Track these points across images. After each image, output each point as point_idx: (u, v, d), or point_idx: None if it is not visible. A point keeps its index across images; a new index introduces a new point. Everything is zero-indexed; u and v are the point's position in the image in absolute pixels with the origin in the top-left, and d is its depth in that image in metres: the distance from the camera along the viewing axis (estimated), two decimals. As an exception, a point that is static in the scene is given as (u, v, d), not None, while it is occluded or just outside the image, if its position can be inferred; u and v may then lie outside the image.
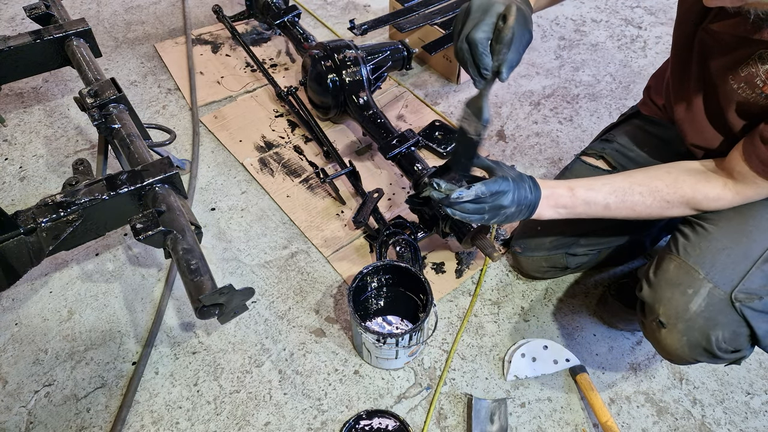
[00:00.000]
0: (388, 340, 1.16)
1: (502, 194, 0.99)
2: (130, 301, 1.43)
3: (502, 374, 1.30)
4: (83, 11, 2.42)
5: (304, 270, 1.50)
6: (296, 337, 1.36)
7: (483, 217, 1.02)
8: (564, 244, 1.35)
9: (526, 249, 1.41)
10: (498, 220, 1.03)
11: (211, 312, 1.01)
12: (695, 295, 0.99)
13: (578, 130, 1.91)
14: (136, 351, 1.33)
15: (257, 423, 1.22)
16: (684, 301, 0.99)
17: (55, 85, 2.06)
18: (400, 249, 1.43)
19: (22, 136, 1.87)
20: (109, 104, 1.37)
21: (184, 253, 1.04)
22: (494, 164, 1.04)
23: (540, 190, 1.05)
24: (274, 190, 1.69)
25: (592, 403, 1.22)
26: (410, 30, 2.06)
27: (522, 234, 1.43)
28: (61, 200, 1.14)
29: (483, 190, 0.98)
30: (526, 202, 1.03)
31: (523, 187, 1.02)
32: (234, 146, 1.82)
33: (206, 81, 2.06)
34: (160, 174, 1.20)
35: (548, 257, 1.38)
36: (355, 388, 1.28)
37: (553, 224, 1.35)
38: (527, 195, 1.03)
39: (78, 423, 1.22)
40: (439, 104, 2.01)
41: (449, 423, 1.22)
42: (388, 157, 1.53)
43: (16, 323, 1.38)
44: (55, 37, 1.57)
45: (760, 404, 1.26)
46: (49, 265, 1.50)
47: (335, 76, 1.70)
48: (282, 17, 2.06)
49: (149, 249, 1.54)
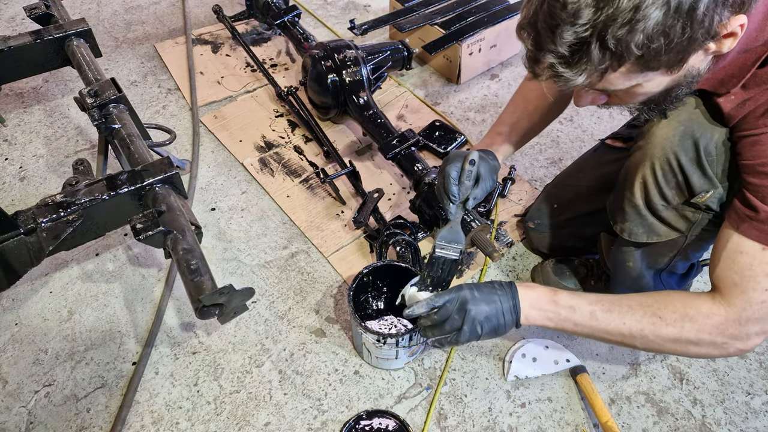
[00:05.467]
0: (388, 340, 1.16)
1: (461, 300, 1.02)
2: (130, 301, 1.43)
3: (502, 374, 1.30)
4: (83, 11, 2.42)
5: (304, 270, 1.50)
6: (296, 338, 1.36)
7: (460, 329, 1.02)
8: (577, 223, 1.38)
9: (539, 225, 1.45)
10: (475, 327, 1.02)
11: (211, 312, 1.01)
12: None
13: (578, 130, 1.91)
14: (136, 351, 1.33)
15: (257, 423, 1.22)
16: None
17: (55, 85, 2.06)
18: (400, 249, 1.43)
19: (22, 136, 1.86)
20: (109, 104, 1.37)
21: (184, 253, 1.04)
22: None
23: (516, 289, 1.04)
24: (274, 190, 1.69)
25: (593, 403, 1.22)
26: (410, 30, 2.06)
27: (537, 210, 1.47)
28: (61, 200, 1.14)
29: (435, 300, 1.03)
30: (500, 301, 1.02)
31: (490, 287, 1.04)
32: (234, 146, 1.82)
33: (206, 81, 2.06)
34: (160, 174, 1.20)
35: (560, 235, 1.41)
36: (355, 388, 1.28)
37: (569, 203, 1.40)
38: (498, 293, 1.03)
39: (78, 423, 1.22)
40: (439, 104, 2.01)
41: (449, 423, 1.22)
42: (388, 157, 1.53)
43: (16, 323, 1.38)
44: (55, 37, 1.57)
45: (761, 404, 1.26)
46: (49, 265, 1.50)
47: (335, 76, 1.70)
48: (282, 17, 2.06)
49: (149, 249, 1.54)
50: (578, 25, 0.72)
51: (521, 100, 1.31)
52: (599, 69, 0.76)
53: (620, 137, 1.35)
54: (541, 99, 1.27)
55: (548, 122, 1.33)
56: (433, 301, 1.03)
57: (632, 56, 0.73)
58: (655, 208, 1.02)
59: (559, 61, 0.76)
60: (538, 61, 0.80)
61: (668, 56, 0.74)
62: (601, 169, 1.33)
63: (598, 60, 0.74)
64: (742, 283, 0.88)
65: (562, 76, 0.78)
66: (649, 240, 1.07)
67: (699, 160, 0.93)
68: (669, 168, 0.97)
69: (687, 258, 1.12)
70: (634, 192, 1.03)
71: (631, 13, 0.69)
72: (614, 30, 0.70)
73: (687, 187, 0.97)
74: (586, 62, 0.75)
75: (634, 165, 1.03)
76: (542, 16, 0.75)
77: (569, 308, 1.01)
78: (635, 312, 0.97)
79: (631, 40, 0.71)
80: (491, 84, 2.09)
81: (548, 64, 0.78)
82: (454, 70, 2.04)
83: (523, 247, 1.57)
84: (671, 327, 0.94)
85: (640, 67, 0.76)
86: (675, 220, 1.02)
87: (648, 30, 0.70)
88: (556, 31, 0.74)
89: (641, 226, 1.06)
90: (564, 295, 1.02)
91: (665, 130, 0.96)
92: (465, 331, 1.01)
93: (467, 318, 1.01)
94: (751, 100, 0.84)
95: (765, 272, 0.87)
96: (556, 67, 0.77)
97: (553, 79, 0.80)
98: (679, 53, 0.75)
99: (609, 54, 0.73)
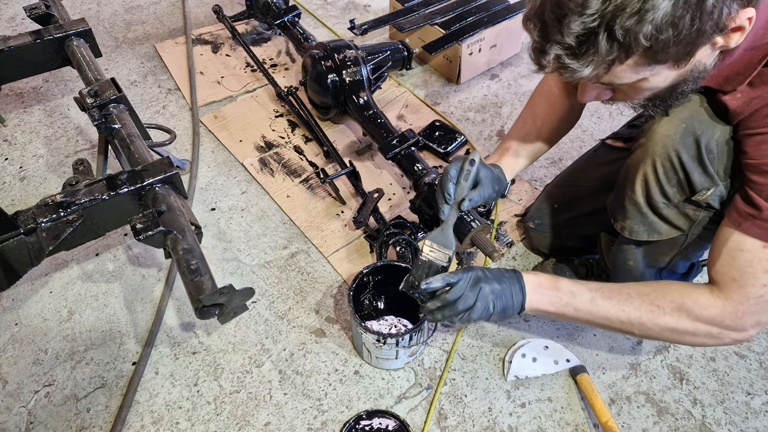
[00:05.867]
0: (389, 340, 1.16)
1: (475, 278, 1.02)
2: (130, 301, 1.43)
3: (502, 374, 1.30)
4: (83, 11, 2.42)
5: (304, 270, 1.50)
6: (296, 338, 1.36)
7: (473, 306, 1.02)
8: (577, 223, 1.38)
9: (539, 225, 1.45)
10: (488, 304, 1.02)
11: (211, 312, 1.01)
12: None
13: (578, 130, 1.91)
14: (136, 351, 1.33)
15: (257, 423, 1.22)
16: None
17: (55, 85, 2.06)
18: (400, 249, 1.43)
19: (22, 136, 1.86)
20: (109, 104, 1.37)
21: (184, 253, 1.04)
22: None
23: (521, 274, 1.05)
24: (274, 190, 1.69)
25: (593, 403, 1.22)
26: (410, 30, 2.06)
27: (537, 210, 1.47)
28: (61, 200, 1.14)
29: (450, 277, 1.02)
30: (508, 282, 1.03)
31: (497, 271, 1.04)
32: (234, 146, 1.82)
33: (206, 81, 2.06)
34: (160, 174, 1.20)
35: (560, 234, 1.41)
36: (355, 388, 1.28)
37: (570, 203, 1.40)
38: (505, 275, 1.04)
39: (78, 423, 1.22)
40: (439, 104, 2.01)
41: (449, 423, 1.22)
42: (388, 157, 1.52)
43: (16, 323, 1.38)
44: (55, 37, 1.57)
45: (761, 404, 1.26)
46: (49, 265, 1.50)
47: (335, 76, 1.70)
48: (282, 17, 2.06)
49: (149, 249, 1.54)
50: (586, 15, 0.71)
51: (530, 115, 1.30)
52: (606, 60, 0.75)
53: (620, 137, 1.35)
54: (551, 114, 1.26)
55: (559, 137, 1.32)
56: (449, 277, 1.02)
57: (640, 47, 0.73)
58: (656, 206, 1.02)
59: (565, 52, 0.76)
60: (545, 52, 0.79)
61: (676, 48, 0.74)
62: (602, 169, 1.33)
63: (606, 51, 0.74)
64: (741, 278, 0.89)
65: (569, 68, 0.77)
66: (650, 238, 1.07)
67: (700, 158, 0.93)
68: (670, 165, 0.97)
69: (687, 257, 1.12)
70: (635, 189, 1.03)
71: (640, 3, 0.68)
72: (623, 20, 0.70)
73: (688, 184, 0.97)
74: (593, 53, 0.74)
75: (635, 162, 1.03)
76: (549, 6, 0.75)
77: (570, 293, 1.02)
78: (633, 300, 0.98)
79: (639, 30, 0.70)
80: (491, 84, 2.09)
81: (554, 56, 0.77)
82: (454, 70, 2.04)
83: (523, 247, 1.57)
84: (668, 316, 0.96)
85: (647, 59, 0.76)
86: (676, 218, 1.02)
87: (657, 21, 0.69)
88: (564, 21, 0.73)
89: (642, 224, 1.06)
90: (565, 282, 1.04)
91: (666, 127, 0.96)
92: (478, 308, 1.01)
93: (480, 294, 1.01)
94: (758, 98, 0.84)
95: (764, 269, 0.87)
96: (563, 59, 0.77)
97: (559, 70, 0.80)
98: (687, 45, 0.74)
99: (617, 45, 0.73)
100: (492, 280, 1.02)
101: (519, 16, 2.07)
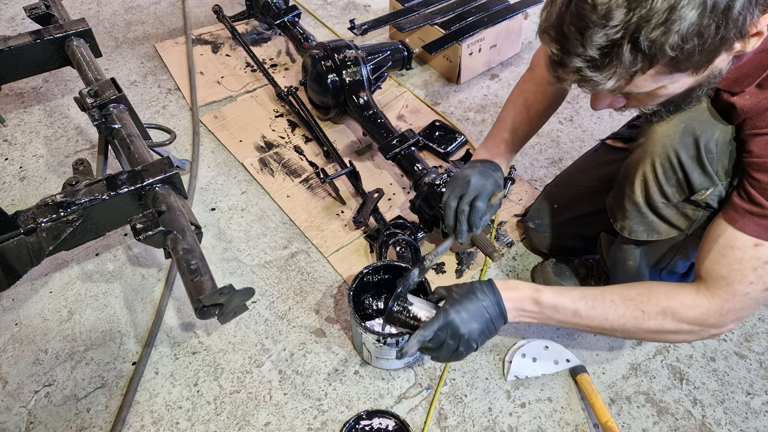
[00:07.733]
0: (389, 340, 1.16)
1: (452, 328, 1.00)
2: (130, 301, 1.43)
3: (502, 374, 1.30)
4: (83, 11, 2.42)
5: (304, 270, 1.50)
6: (296, 337, 1.36)
7: (456, 350, 1.02)
8: (577, 223, 1.38)
9: (539, 225, 1.46)
10: (471, 345, 1.02)
11: (211, 312, 1.01)
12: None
13: (578, 130, 1.91)
14: (136, 351, 1.33)
15: (257, 423, 1.22)
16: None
17: (55, 85, 2.06)
18: (400, 249, 1.43)
19: (22, 136, 1.86)
20: (109, 104, 1.37)
21: (184, 253, 1.04)
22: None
23: (499, 293, 1.03)
24: (274, 190, 1.69)
25: (593, 403, 1.22)
26: (410, 30, 2.06)
27: (537, 210, 1.47)
28: (61, 200, 1.14)
29: (424, 334, 1.00)
30: (487, 312, 1.02)
31: (474, 298, 1.02)
32: (234, 146, 1.82)
33: (206, 81, 2.06)
34: (160, 174, 1.20)
35: (560, 235, 1.42)
36: (355, 388, 1.28)
37: (570, 203, 1.40)
38: (482, 303, 1.02)
39: (78, 423, 1.22)
40: (439, 104, 2.01)
41: (449, 423, 1.22)
42: (388, 157, 1.53)
43: (16, 323, 1.38)
44: (55, 37, 1.57)
45: (761, 404, 1.26)
46: (49, 265, 1.50)
47: (335, 76, 1.70)
48: (282, 17, 2.06)
49: (149, 249, 1.54)
50: (609, 26, 0.69)
51: (522, 103, 1.28)
52: (630, 72, 0.74)
53: (621, 137, 1.35)
54: (543, 102, 1.26)
55: (545, 121, 1.32)
56: (422, 335, 1.00)
57: (665, 58, 0.71)
58: (655, 206, 1.02)
59: (587, 64, 0.74)
60: (564, 65, 0.77)
61: (699, 57, 0.73)
62: (602, 169, 1.33)
63: (630, 63, 0.72)
64: (729, 275, 0.90)
65: (591, 80, 0.76)
66: (650, 238, 1.07)
67: (699, 158, 0.93)
68: (669, 165, 0.97)
69: (687, 257, 1.12)
70: (634, 189, 1.03)
71: (666, 13, 0.67)
72: (648, 31, 0.69)
73: (687, 184, 0.97)
74: (616, 65, 0.73)
75: (634, 162, 1.03)
76: (569, 18, 0.73)
77: (553, 308, 1.02)
78: (618, 307, 0.98)
79: (665, 41, 0.69)
80: (491, 84, 2.09)
81: (575, 68, 0.76)
82: (454, 70, 2.04)
83: (523, 247, 1.57)
84: (653, 320, 0.97)
85: (670, 68, 0.75)
86: (675, 218, 1.02)
87: (683, 31, 0.68)
88: (585, 34, 0.71)
89: (641, 224, 1.06)
90: (547, 294, 1.02)
91: (666, 127, 0.96)
92: (462, 352, 1.02)
93: (462, 341, 1.00)
94: (767, 98, 0.84)
95: (753, 267, 0.88)
96: (584, 71, 0.75)
97: (580, 83, 0.78)
98: (710, 53, 0.74)
99: (641, 56, 0.72)
100: (470, 322, 1.00)
101: (519, 16, 2.07)
